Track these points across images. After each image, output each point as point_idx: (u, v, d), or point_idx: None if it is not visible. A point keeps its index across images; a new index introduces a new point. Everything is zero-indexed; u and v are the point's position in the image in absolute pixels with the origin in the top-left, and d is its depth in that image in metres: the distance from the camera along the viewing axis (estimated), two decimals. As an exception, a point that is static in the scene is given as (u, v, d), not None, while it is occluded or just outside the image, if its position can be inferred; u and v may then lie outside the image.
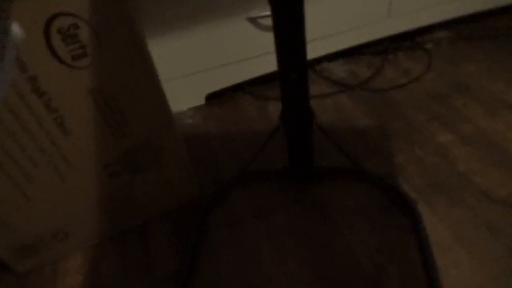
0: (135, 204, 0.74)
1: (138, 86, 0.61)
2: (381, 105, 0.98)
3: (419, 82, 1.04)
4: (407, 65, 1.12)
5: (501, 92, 0.95)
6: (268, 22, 1.00)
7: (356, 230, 0.69)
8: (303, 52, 0.60)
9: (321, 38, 1.08)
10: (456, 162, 0.79)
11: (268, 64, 1.02)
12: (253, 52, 1.04)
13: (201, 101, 1.08)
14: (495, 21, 1.24)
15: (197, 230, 0.72)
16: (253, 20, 0.99)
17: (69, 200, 0.67)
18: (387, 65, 1.13)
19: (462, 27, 1.23)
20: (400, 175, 0.78)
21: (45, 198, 0.64)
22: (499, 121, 0.86)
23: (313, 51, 1.07)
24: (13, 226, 0.65)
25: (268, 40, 1.02)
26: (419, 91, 1.00)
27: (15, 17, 0.49)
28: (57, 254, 0.72)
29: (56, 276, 0.70)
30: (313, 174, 0.80)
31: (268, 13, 0.97)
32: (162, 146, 0.69)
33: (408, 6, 1.12)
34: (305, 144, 0.73)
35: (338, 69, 1.14)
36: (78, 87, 0.57)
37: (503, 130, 0.84)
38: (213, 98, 1.09)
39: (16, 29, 0.28)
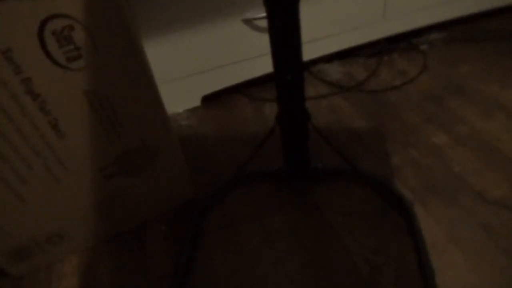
0: (131, 207, 0.74)
1: (134, 88, 0.61)
2: (376, 106, 0.98)
3: (414, 84, 1.04)
4: (402, 66, 1.12)
5: (495, 93, 0.96)
6: (264, 23, 1.00)
7: (352, 231, 0.69)
8: (299, 54, 0.60)
9: (317, 39, 1.08)
10: (451, 163, 0.79)
11: (264, 65, 1.02)
12: (249, 54, 1.04)
13: (197, 102, 1.08)
14: (489, 22, 1.25)
15: (193, 232, 0.72)
16: (248, 22, 0.99)
17: (64, 202, 0.67)
18: (383, 66, 1.13)
19: (457, 28, 1.24)
20: (395, 176, 0.78)
21: (40, 200, 0.64)
22: (494, 122, 0.87)
23: (308, 53, 1.07)
24: (7, 229, 0.64)
25: (263, 41, 1.02)
26: (414, 92, 1.01)
27: (10, 18, 0.48)
28: (52, 257, 0.72)
29: (51, 279, 0.70)
30: (309, 175, 0.80)
31: (264, 14, 0.97)
32: (157, 148, 0.69)
33: (403, 7, 1.13)
34: (301, 145, 0.73)
35: (334, 71, 1.14)
36: (73, 89, 0.56)
37: (498, 131, 0.85)
38: (209, 99, 1.09)
39: None
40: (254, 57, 1.04)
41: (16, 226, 0.65)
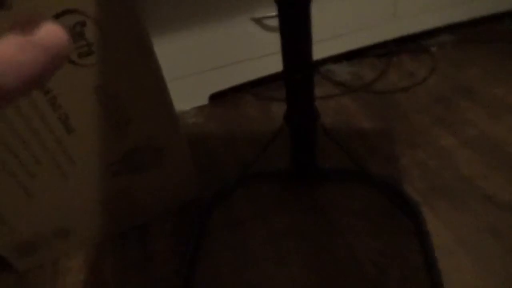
0: (137, 204, 0.74)
1: (143, 85, 0.61)
2: (384, 107, 0.98)
3: (423, 85, 1.04)
4: (411, 68, 1.12)
5: (504, 96, 0.95)
6: (272, 22, 1.00)
7: (358, 232, 0.69)
8: (309, 53, 0.60)
9: (326, 39, 1.08)
10: (459, 165, 0.78)
11: (272, 64, 1.02)
12: (257, 53, 1.04)
13: (204, 101, 1.08)
14: (498, 25, 1.24)
15: (197, 230, 0.72)
16: (257, 21, 0.99)
17: (71, 198, 0.67)
18: (391, 67, 1.13)
19: (466, 30, 1.23)
20: (403, 178, 0.78)
21: (47, 195, 0.64)
22: (503, 125, 0.86)
23: (317, 53, 1.06)
24: (15, 223, 0.65)
25: (272, 40, 1.01)
26: (423, 94, 1.00)
27: (22, 13, 0.49)
28: (58, 253, 0.72)
29: (57, 274, 0.70)
30: (315, 175, 0.80)
31: (273, 13, 0.97)
32: (164, 145, 0.69)
33: (413, 9, 1.12)
34: (308, 145, 0.72)
35: (342, 71, 1.14)
36: (83, 85, 0.57)
37: (507, 134, 0.84)
38: (217, 98, 1.09)
39: None
40: (262, 56, 1.04)
41: (23, 220, 0.65)
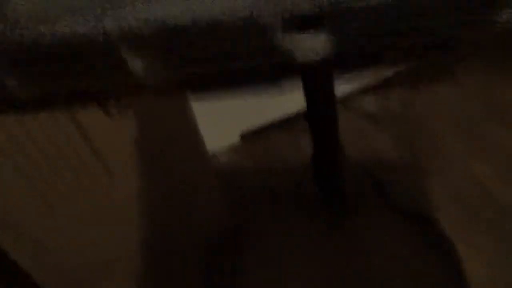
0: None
1: (177, 132, 0.65)
2: (412, 136, 0.97)
3: (453, 109, 1.01)
4: (439, 92, 1.09)
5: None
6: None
7: (383, 258, 0.68)
8: (332, 95, 0.62)
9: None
10: (494, 193, 0.76)
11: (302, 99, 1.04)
12: (287, 88, 1.06)
13: (236, 139, 1.10)
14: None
15: (230, 266, 0.74)
16: (284, 59, 1.02)
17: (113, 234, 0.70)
18: (419, 94, 1.11)
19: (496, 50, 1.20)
20: (434, 209, 0.76)
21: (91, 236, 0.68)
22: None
23: (342, 86, 1.07)
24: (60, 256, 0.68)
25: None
26: (453, 119, 0.98)
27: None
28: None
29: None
30: (343, 208, 0.80)
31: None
32: (196, 185, 0.72)
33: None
34: (336, 181, 0.73)
35: (369, 103, 1.14)
36: (122, 135, 0.61)
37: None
38: (248, 135, 1.11)
39: None
40: (293, 91, 1.06)
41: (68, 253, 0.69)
